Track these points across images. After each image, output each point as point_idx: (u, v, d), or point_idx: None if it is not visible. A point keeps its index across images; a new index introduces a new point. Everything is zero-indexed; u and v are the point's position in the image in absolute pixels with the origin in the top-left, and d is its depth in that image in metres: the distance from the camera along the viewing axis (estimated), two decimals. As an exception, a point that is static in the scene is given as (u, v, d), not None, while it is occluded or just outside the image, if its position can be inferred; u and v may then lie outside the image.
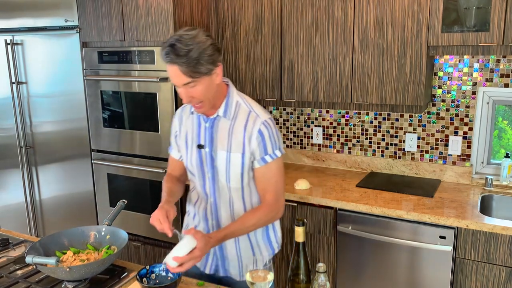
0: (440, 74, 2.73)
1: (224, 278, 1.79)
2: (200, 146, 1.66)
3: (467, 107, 2.69)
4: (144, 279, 1.53)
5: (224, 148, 1.62)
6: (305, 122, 3.21)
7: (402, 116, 2.89)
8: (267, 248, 1.78)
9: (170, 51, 1.45)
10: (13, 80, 3.38)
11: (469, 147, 2.72)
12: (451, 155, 2.78)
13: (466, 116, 2.71)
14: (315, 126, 3.18)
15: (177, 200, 1.74)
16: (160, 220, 1.51)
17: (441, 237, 2.26)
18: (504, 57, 2.55)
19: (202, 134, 1.66)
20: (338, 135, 3.11)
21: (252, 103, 1.66)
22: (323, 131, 3.16)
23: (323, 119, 3.14)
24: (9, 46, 3.32)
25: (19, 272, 1.71)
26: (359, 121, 3.02)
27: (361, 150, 3.06)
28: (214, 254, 1.77)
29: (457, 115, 2.73)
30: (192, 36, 1.46)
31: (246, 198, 1.70)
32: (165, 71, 2.74)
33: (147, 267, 1.56)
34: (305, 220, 2.06)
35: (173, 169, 1.86)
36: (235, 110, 1.63)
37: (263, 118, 1.61)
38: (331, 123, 3.12)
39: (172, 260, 1.41)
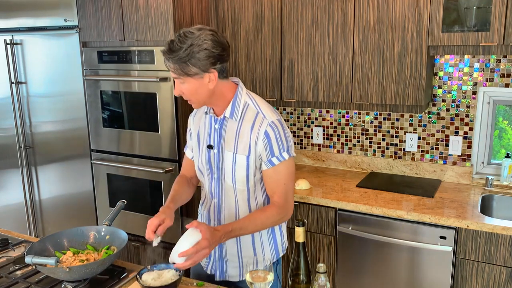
0: (441, 74, 2.73)
1: (220, 282, 1.77)
2: (209, 147, 1.67)
3: (468, 107, 2.69)
4: (144, 279, 1.52)
5: (231, 150, 1.62)
6: (305, 122, 3.21)
7: (402, 116, 2.88)
8: (271, 250, 1.75)
9: (167, 45, 1.50)
10: (13, 80, 3.37)
11: (469, 147, 2.72)
12: (452, 155, 2.78)
13: (467, 116, 2.70)
14: (315, 126, 3.18)
15: (182, 204, 1.76)
16: (150, 227, 1.52)
17: (441, 237, 2.26)
18: (505, 57, 2.55)
19: (212, 135, 1.66)
20: (338, 135, 3.11)
21: (262, 104, 1.64)
22: (323, 131, 3.16)
23: (323, 119, 3.14)
24: (8, 46, 3.31)
25: (18, 272, 1.71)
26: (360, 121, 3.02)
27: (361, 150, 3.05)
28: (214, 255, 1.76)
29: (457, 115, 2.73)
30: (191, 36, 1.47)
31: (251, 200, 1.68)
32: (165, 71, 2.75)
33: (148, 267, 1.56)
34: (305, 220, 2.06)
35: (186, 169, 1.87)
36: (242, 111, 1.61)
37: (270, 119, 1.58)
38: (331, 123, 3.12)
39: (178, 256, 1.38)
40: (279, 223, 1.67)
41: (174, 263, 1.43)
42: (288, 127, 3.25)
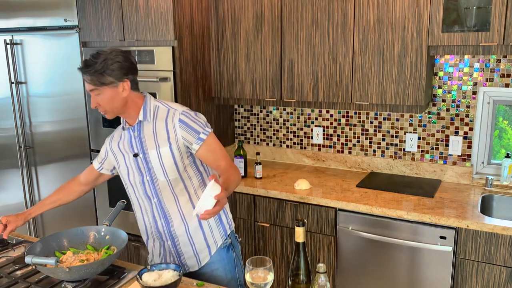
0: (441, 74, 2.73)
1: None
2: (135, 155, 1.79)
3: (468, 107, 2.69)
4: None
5: (153, 147, 1.76)
6: (305, 122, 3.21)
7: (402, 116, 2.88)
8: (219, 230, 1.88)
9: (82, 63, 1.70)
10: (13, 80, 3.37)
11: (469, 147, 2.72)
12: (452, 155, 2.78)
13: (467, 116, 2.70)
14: (315, 126, 3.18)
15: (51, 206, 2.00)
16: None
17: (441, 237, 2.26)
18: (505, 57, 2.55)
19: (133, 144, 1.80)
20: (338, 135, 3.11)
21: (171, 103, 1.83)
22: (323, 131, 3.16)
23: (323, 119, 3.14)
24: (8, 46, 3.31)
25: (18, 272, 1.71)
26: (359, 121, 3.02)
27: (361, 150, 3.05)
28: (169, 252, 1.86)
29: (457, 115, 2.73)
30: (104, 53, 1.69)
31: (188, 186, 1.80)
32: (165, 71, 2.75)
33: (148, 267, 1.56)
34: (305, 220, 2.06)
35: (85, 174, 2.05)
36: (154, 112, 1.79)
37: (181, 109, 1.78)
38: (331, 123, 3.12)
39: (213, 199, 1.45)
40: (240, 180, 1.80)
41: (200, 214, 1.47)
42: (288, 127, 3.27)
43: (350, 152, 3.10)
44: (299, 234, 1.39)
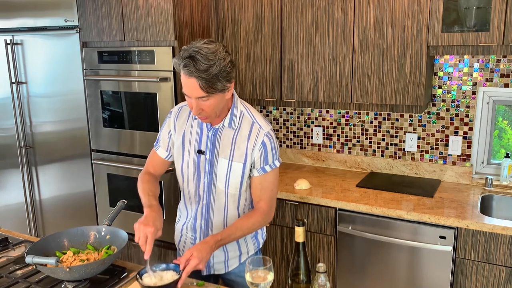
0: (440, 74, 2.73)
1: (206, 276, 1.82)
2: (200, 152, 1.68)
3: (467, 107, 2.69)
4: (144, 279, 1.52)
5: (226, 157, 1.65)
6: (305, 122, 3.21)
7: (402, 116, 2.89)
8: (253, 242, 1.84)
9: (189, 63, 1.42)
10: (13, 80, 3.37)
11: (469, 147, 2.72)
12: (451, 155, 2.78)
13: (466, 116, 2.71)
14: (315, 126, 3.18)
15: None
16: (147, 238, 1.52)
17: (441, 237, 2.26)
18: (504, 57, 2.55)
19: (203, 141, 1.68)
20: (338, 135, 3.11)
21: (255, 113, 1.70)
22: (323, 131, 3.16)
23: (323, 119, 3.14)
24: (9, 46, 3.31)
25: (19, 272, 1.71)
26: (359, 121, 3.02)
27: (361, 150, 3.06)
28: None
29: (457, 115, 2.73)
30: (213, 51, 1.46)
31: (241, 203, 1.75)
32: (165, 71, 2.75)
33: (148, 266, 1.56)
34: (305, 220, 2.07)
35: (153, 167, 1.87)
36: (239, 120, 1.66)
37: (266, 129, 1.66)
38: (331, 123, 3.12)
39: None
40: (261, 227, 1.77)
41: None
42: (288, 127, 3.27)
43: (350, 152, 3.10)
44: (299, 234, 1.40)
